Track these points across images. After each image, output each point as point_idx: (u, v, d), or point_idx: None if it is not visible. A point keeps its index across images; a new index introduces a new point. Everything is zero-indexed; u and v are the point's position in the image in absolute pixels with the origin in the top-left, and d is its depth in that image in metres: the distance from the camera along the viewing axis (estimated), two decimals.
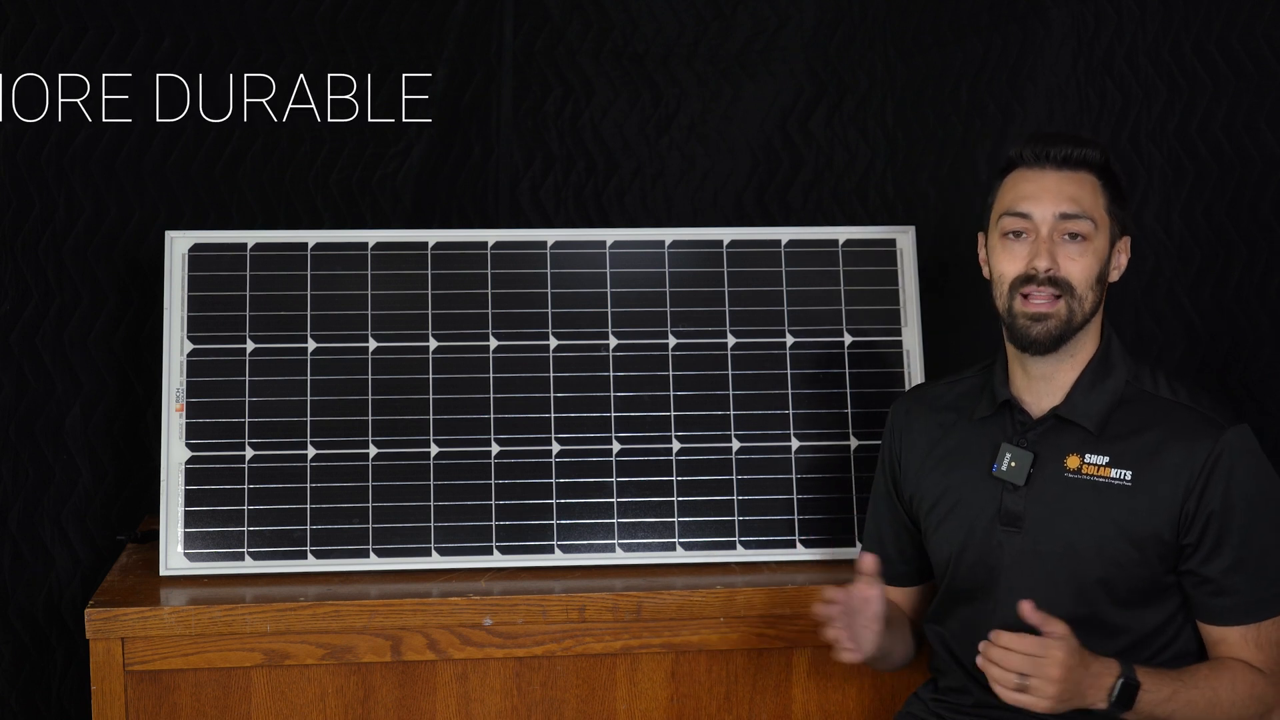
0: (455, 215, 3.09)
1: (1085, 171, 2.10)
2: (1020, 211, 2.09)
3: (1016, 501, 2.11)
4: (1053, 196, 2.08)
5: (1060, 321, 2.07)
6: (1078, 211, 2.07)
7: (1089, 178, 2.10)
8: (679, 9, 3.08)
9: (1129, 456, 2.07)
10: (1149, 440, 2.07)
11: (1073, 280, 2.07)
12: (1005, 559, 2.11)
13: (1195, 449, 2.04)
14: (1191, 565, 2.05)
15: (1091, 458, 2.09)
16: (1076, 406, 2.11)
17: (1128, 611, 2.07)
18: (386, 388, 2.54)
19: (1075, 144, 2.10)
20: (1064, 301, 2.07)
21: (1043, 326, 2.07)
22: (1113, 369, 2.12)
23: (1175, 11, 2.60)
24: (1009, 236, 2.10)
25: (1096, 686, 1.95)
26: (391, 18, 3.01)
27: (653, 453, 2.55)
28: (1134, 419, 2.10)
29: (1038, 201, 2.08)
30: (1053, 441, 2.11)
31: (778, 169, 3.09)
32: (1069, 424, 2.11)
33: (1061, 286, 2.06)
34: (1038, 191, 2.09)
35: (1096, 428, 2.09)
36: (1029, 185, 2.10)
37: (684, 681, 2.40)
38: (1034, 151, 2.11)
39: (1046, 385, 2.13)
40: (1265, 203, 2.49)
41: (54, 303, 2.74)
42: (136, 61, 2.79)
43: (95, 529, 2.79)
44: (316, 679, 2.34)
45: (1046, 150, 2.10)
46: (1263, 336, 2.51)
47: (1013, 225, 2.10)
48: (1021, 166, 2.12)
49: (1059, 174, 2.09)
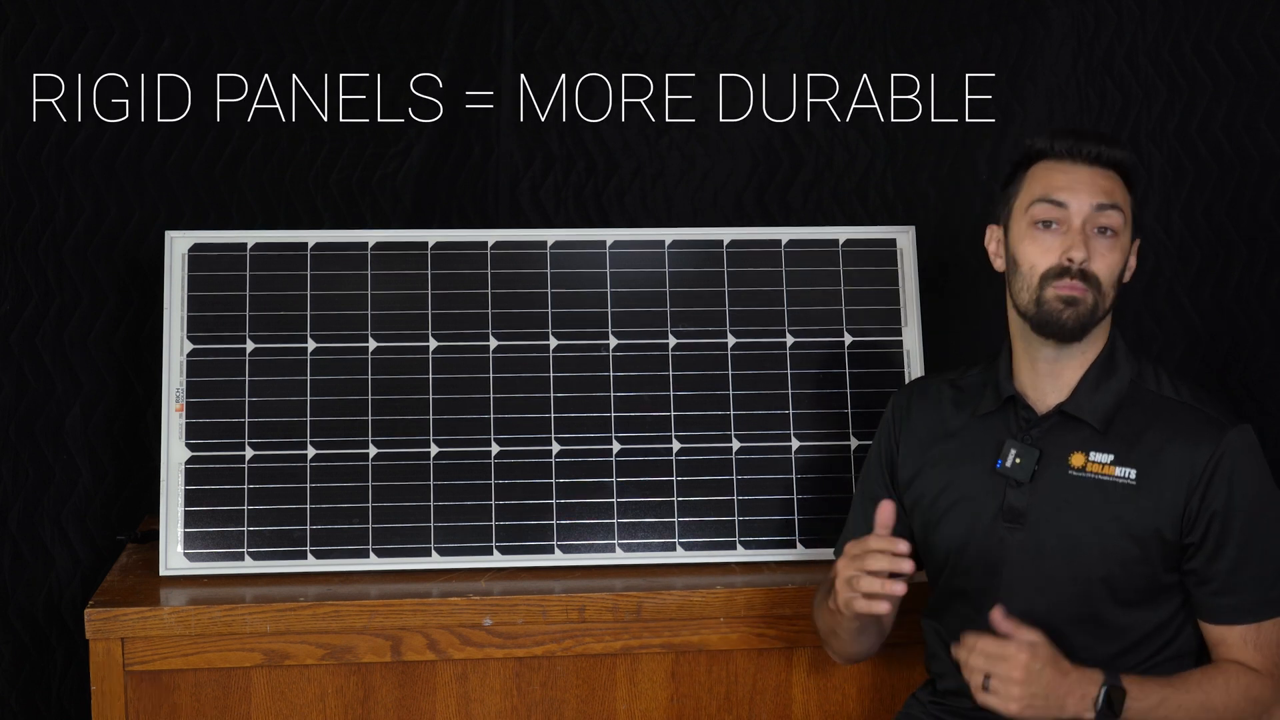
0: (455, 215, 3.09)
1: (1113, 170, 2.09)
2: (1056, 200, 2.06)
3: (1020, 498, 2.11)
4: (1088, 189, 2.06)
5: (1089, 309, 2.05)
6: (1113, 203, 2.06)
7: (1116, 176, 2.09)
8: (679, 9, 3.09)
9: (1133, 455, 2.07)
10: (1152, 439, 2.07)
11: (1101, 276, 2.05)
12: (1007, 555, 2.11)
13: (1199, 449, 2.04)
14: (1194, 565, 2.05)
15: (1096, 456, 2.09)
16: (1082, 404, 2.10)
17: (1129, 611, 2.07)
18: (386, 388, 2.54)
19: (1106, 142, 2.09)
20: (1092, 294, 2.05)
21: (1074, 311, 2.04)
22: (1118, 368, 2.12)
23: (1175, 11, 2.60)
24: (1039, 226, 2.08)
25: (1078, 695, 1.94)
26: (392, 18, 3.01)
27: (653, 453, 2.55)
28: (1138, 418, 2.09)
29: (1074, 192, 2.06)
30: (1057, 438, 2.11)
31: (778, 169, 3.09)
32: (1074, 421, 2.11)
33: (1090, 282, 2.05)
34: (1073, 183, 2.07)
35: (1102, 425, 2.09)
36: (1063, 176, 2.08)
37: (684, 681, 2.40)
38: (1066, 145, 2.08)
39: (1053, 382, 2.12)
40: (1265, 203, 2.49)
41: (54, 303, 2.74)
42: (136, 61, 2.78)
43: (95, 529, 2.79)
44: (316, 679, 2.34)
45: (1080, 146, 2.08)
46: (1263, 336, 2.51)
47: (1045, 214, 2.07)
48: (1050, 159, 2.10)
49: (1090, 169, 2.08)
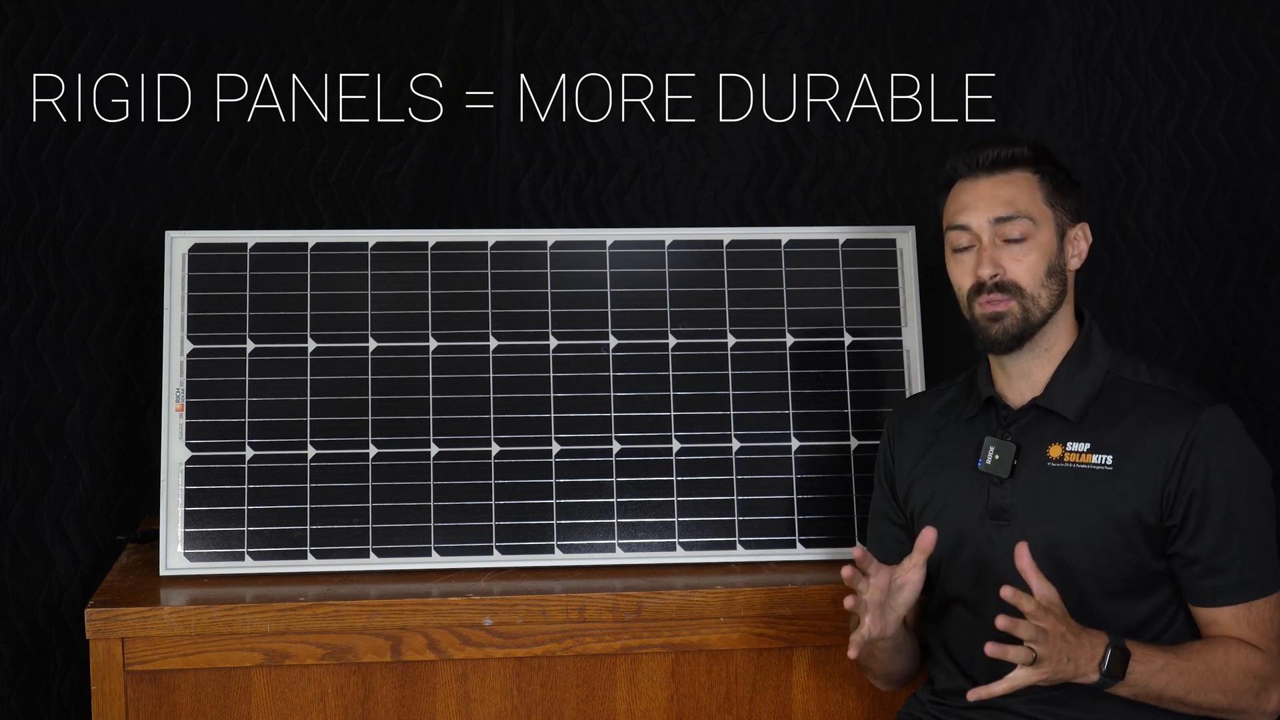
0: (455, 215, 3.09)
1: (1018, 170, 2.13)
2: (959, 224, 2.14)
3: (1003, 495, 2.12)
4: (985, 203, 2.12)
5: (1016, 319, 2.10)
6: (1011, 213, 2.10)
7: (1022, 175, 2.12)
8: (679, 9, 3.09)
9: (1109, 442, 2.09)
10: (1129, 425, 2.09)
11: (1019, 281, 2.10)
12: (995, 554, 2.12)
13: (1174, 431, 2.05)
14: (1177, 547, 2.06)
15: (1072, 445, 2.10)
16: (1055, 396, 2.13)
17: (1119, 602, 2.08)
18: (386, 388, 2.54)
19: (1001, 145, 2.13)
20: (1016, 302, 2.10)
21: (1000, 326, 2.10)
22: (1092, 359, 2.14)
23: (1175, 11, 2.60)
24: (956, 251, 2.15)
25: (1087, 658, 1.94)
26: (392, 18, 3.01)
27: (653, 453, 2.55)
28: (1114, 405, 2.11)
29: (973, 211, 2.12)
30: (1034, 433, 2.13)
31: (778, 169, 3.09)
32: (1049, 414, 2.13)
33: (1010, 289, 2.10)
34: (972, 201, 2.13)
35: (1076, 416, 2.11)
36: (965, 196, 2.14)
37: (684, 681, 2.40)
38: (964, 161, 2.15)
39: (1026, 381, 2.15)
40: (1265, 203, 2.49)
41: (54, 303, 2.74)
42: (136, 61, 2.78)
43: (95, 529, 2.79)
44: (316, 679, 2.34)
45: (975, 157, 2.14)
46: (1263, 336, 2.51)
47: (956, 240, 2.15)
48: (958, 179, 2.17)
49: (991, 179, 2.13)
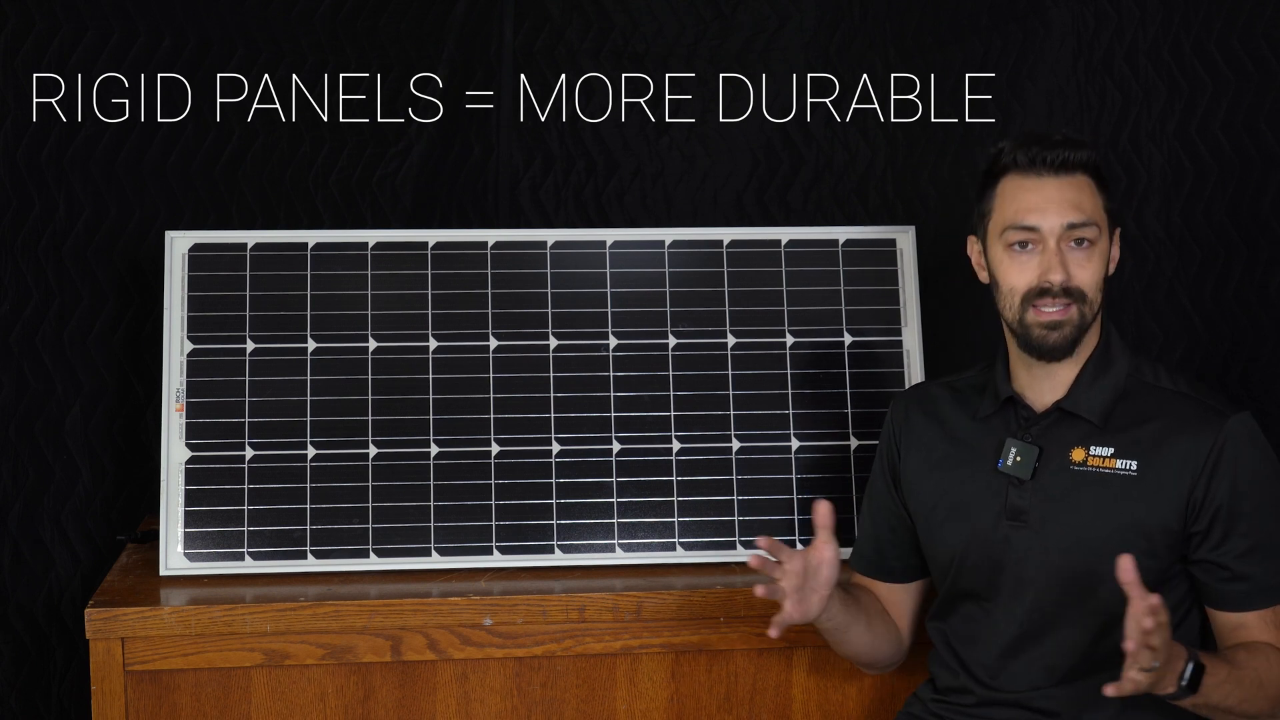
0: (455, 215, 3.09)
1: (1081, 174, 2.07)
2: (1028, 224, 2.06)
3: (1022, 496, 2.11)
4: (1057, 207, 2.05)
5: (1074, 327, 2.06)
6: (1083, 219, 2.05)
7: (1085, 180, 2.08)
8: (679, 9, 3.08)
9: (1134, 447, 2.07)
10: (1152, 431, 2.07)
11: (1084, 287, 2.06)
12: (1011, 555, 2.11)
13: (1200, 438, 2.04)
14: (1202, 554, 2.05)
15: (1096, 449, 2.09)
16: (1080, 400, 2.10)
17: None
18: (386, 388, 2.54)
19: (1070, 147, 2.07)
20: (1076, 308, 2.06)
21: (1059, 334, 2.06)
22: (1113, 362, 2.12)
23: (1175, 11, 2.60)
24: (1015, 248, 2.08)
25: (1173, 670, 1.87)
26: (392, 18, 3.01)
27: (653, 453, 2.55)
28: (1137, 410, 2.10)
29: (1043, 214, 2.06)
30: (1057, 435, 2.11)
31: (778, 169, 3.09)
32: (1073, 417, 2.11)
33: (1075, 295, 2.06)
34: (1041, 203, 2.06)
35: (1101, 420, 2.09)
36: (1030, 196, 2.07)
37: (684, 681, 2.40)
38: (1028, 156, 2.07)
39: (1049, 382, 2.13)
40: (1265, 203, 2.49)
41: (54, 303, 2.74)
42: (136, 61, 2.78)
43: (95, 529, 2.78)
44: (316, 679, 2.34)
45: (1042, 155, 2.06)
46: (1263, 336, 2.51)
47: (1019, 238, 2.07)
48: (1015, 172, 2.09)
49: (1058, 180, 2.06)
